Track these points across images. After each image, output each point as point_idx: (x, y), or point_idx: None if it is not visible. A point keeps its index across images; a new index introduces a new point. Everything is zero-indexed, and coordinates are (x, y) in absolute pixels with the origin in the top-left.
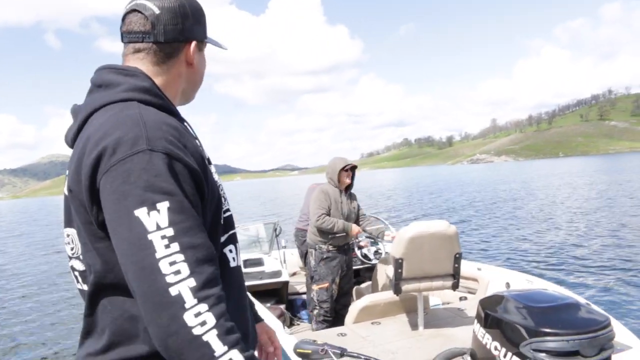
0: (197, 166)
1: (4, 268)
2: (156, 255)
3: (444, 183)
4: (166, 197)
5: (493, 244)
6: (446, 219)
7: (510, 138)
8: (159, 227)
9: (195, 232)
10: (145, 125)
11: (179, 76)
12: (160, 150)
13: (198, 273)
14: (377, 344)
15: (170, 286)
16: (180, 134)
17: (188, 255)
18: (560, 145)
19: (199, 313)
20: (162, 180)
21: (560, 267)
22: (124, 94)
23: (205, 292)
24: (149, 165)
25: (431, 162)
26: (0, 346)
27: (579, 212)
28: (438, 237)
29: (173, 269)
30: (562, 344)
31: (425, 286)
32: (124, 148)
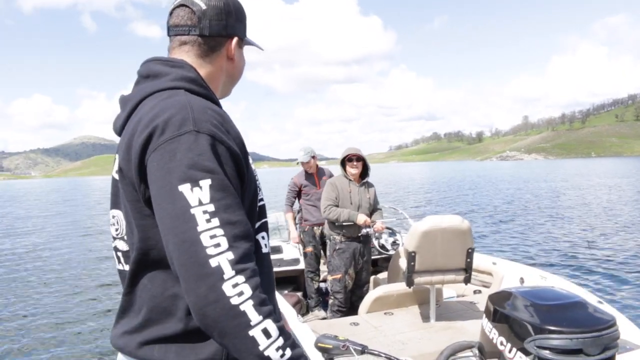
0: (239, 151)
1: (43, 247)
2: (198, 228)
3: (472, 179)
4: (209, 175)
5: (514, 239)
6: (469, 213)
7: (541, 136)
8: (201, 203)
9: (234, 209)
10: (193, 109)
11: (221, 69)
12: (206, 132)
13: (236, 247)
14: (389, 334)
15: (210, 258)
16: (224, 120)
17: (227, 230)
18: (593, 145)
19: (236, 284)
20: (206, 159)
21: (579, 265)
22: (171, 82)
23: (242, 265)
24: (194, 145)
25: (459, 157)
26: (37, 324)
27: (605, 212)
28: (451, 231)
29: (213, 242)
30: (565, 342)
31: (438, 279)
32: (172, 128)
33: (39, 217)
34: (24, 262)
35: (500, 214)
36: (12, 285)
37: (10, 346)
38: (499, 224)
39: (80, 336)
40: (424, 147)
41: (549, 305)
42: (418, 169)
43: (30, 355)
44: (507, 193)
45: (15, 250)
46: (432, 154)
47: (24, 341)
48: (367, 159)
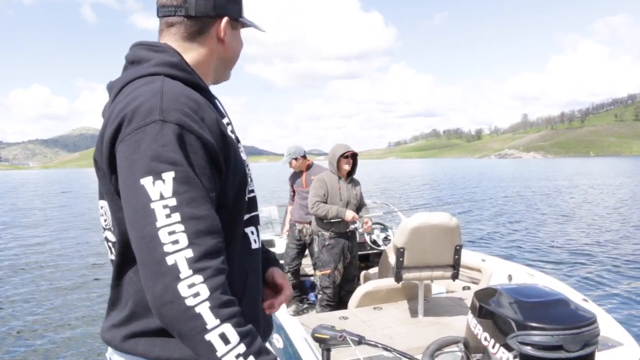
0: (212, 139)
1: (45, 240)
2: (156, 224)
3: (468, 176)
4: (172, 167)
5: (505, 236)
6: (463, 209)
7: (540, 134)
8: (162, 197)
9: (199, 203)
10: (163, 96)
11: (211, 52)
12: (172, 121)
13: (197, 244)
14: (377, 328)
15: (166, 255)
16: (199, 107)
17: (189, 226)
18: (592, 145)
19: (192, 284)
20: (170, 150)
21: (567, 263)
22: (151, 68)
23: (201, 264)
24: (158, 136)
25: (458, 154)
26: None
27: (597, 211)
28: (440, 228)
29: (171, 239)
30: (546, 338)
31: (426, 275)
32: (138, 118)
33: (40, 209)
34: (26, 255)
35: (494, 211)
36: (13, 279)
37: (12, 342)
38: (492, 221)
39: (80, 329)
40: (423, 144)
41: (532, 302)
42: (415, 165)
43: (32, 345)
44: (502, 191)
45: (17, 243)
46: (430, 151)
47: (24, 334)
48: (361, 154)
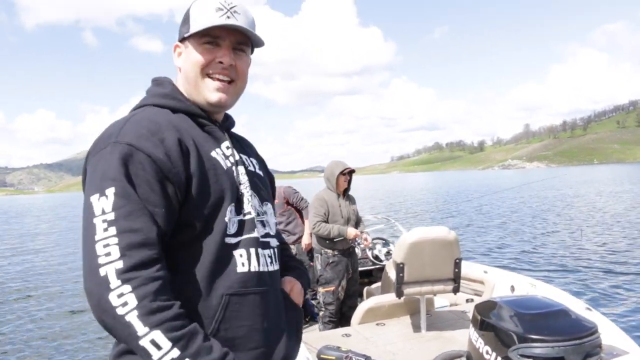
0: (166, 158)
1: (55, 265)
2: (95, 237)
3: (471, 188)
4: (113, 183)
5: (509, 247)
6: (468, 222)
7: (543, 144)
8: (103, 212)
9: (135, 216)
10: (127, 122)
11: (181, 76)
12: (124, 142)
13: (127, 256)
14: (380, 344)
15: (100, 267)
16: (159, 129)
17: (122, 238)
18: (595, 152)
19: (121, 294)
20: (114, 168)
21: (571, 272)
22: (144, 100)
23: (130, 274)
24: (109, 156)
25: (461, 166)
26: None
27: (602, 219)
28: (438, 242)
29: (105, 251)
30: (547, 350)
31: (427, 290)
32: (100, 144)
33: (45, 234)
34: (34, 279)
35: (497, 222)
36: (23, 305)
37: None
38: (496, 232)
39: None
40: (426, 157)
41: (532, 314)
42: (418, 179)
43: None
44: (505, 201)
45: (26, 268)
46: (434, 164)
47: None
48: (365, 170)
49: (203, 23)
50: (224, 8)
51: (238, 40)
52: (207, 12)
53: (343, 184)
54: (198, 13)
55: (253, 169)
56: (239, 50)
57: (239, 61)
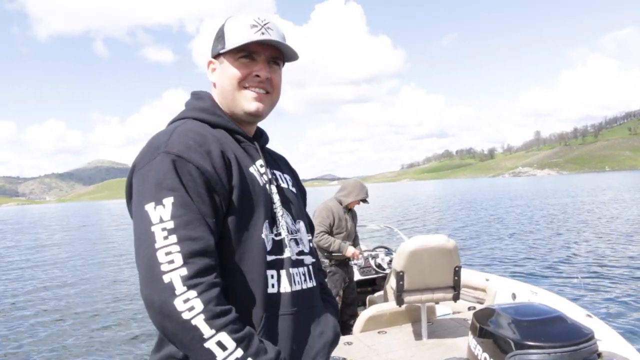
0: (213, 170)
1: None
2: (155, 245)
3: (480, 196)
4: (171, 192)
5: (517, 255)
6: (475, 231)
7: (554, 151)
8: (161, 220)
9: (194, 225)
10: (172, 134)
11: (216, 91)
12: (174, 153)
13: (191, 263)
14: (381, 352)
15: (164, 274)
16: (205, 141)
17: (184, 246)
18: (607, 159)
19: (187, 299)
20: (169, 178)
21: (573, 279)
22: (184, 113)
23: (195, 281)
24: (161, 166)
25: (471, 174)
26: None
27: (607, 227)
28: (437, 250)
29: (168, 259)
30: (544, 356)
31: (427, 298)
32: (148, 154)
33: (58, 245)
34: (51, 290)
35: (505, 230)
36: (40, 314)
37: None
38: (504, 240)
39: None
40: (436, 165)
41: (529, 320)
42: (427, 187)
43: None
44: (514, 210)
45: (41, 278)
46: (444, 172)
47: None
48: (375, 177)
49: (240, 39)
50: (258, 24)
51: (273, 55)
52: (242, 28)
53: (354, 204)
54: (233, 30)
55: (286, 186)
56: (273, 64)
57: (274, 74)
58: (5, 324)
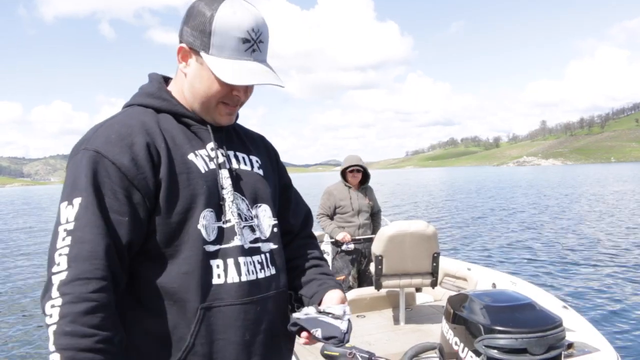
0: (132, 164)
1: None
2: (56, 245)
3: (480, 185)
4: (80, 193)
5: (505, 247)
6: (472, 219)
7: (559, 141)
8: (67, 221)
9: (91, 227)
10: (101, 127)
11: (182, 77)
12: (92, 149)
13: (72, 268)
14: (357, 335)
15: (52, 275)
16: (131, 132)
17: (73, 249)
18: (613, 150)
19: (53, 305)
20: (82, 177)
21: (557, 273)
22: (133, 98)
23: (67, 288)
24: (78, 163)
25: (476, 162)
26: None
27: (602, 221)
28: (417, 236)
29: (58, 260)
30: (511, 341)
31: (405, 283)
32: (74, 150)
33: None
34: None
35: (498, 220)
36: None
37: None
38: (492, 230)
39: None
40: (440, 153)
41: (499, 306)
42: (429, 174)
43: None
44: (508, 200)
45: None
46: (447, 159)
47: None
48: (379, 164)
49: (229, 72)
50: (251, 39)
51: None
52: (232, 42)
53: (352, 179)
54: (223, 36)
55: (248, 168)
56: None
57: (250, 92)
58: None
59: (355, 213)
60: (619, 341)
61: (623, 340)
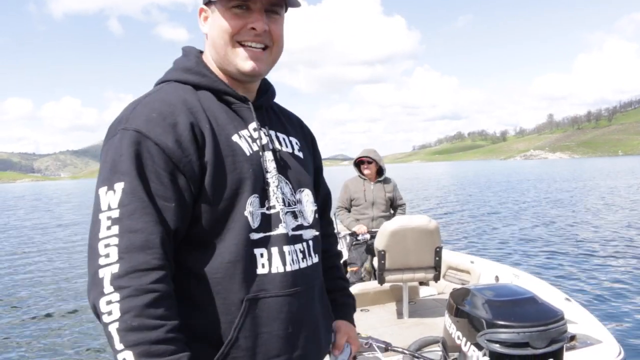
0: (175, 145)
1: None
2: (99, 235)
3: (486, 179)
4: (123, 177)
5: (510, 239)
6: (468, 213)
7: (566, 134)
8: (109, 208)
9: (138, 215)
10: (138, 105)
11: (206, 41)
12: (131, 129)
13: (124, 260)
14: (360, 329)
15: (100, 268)
16: (173, 111)
17: (122, 239)
18: (620, 144)
19: (110, 302)
20: (124, 160)
21: (563, 265)
22: (168, 74)
23: (123, 281)
24: (118, 144)
25: (483, 156)
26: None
27: (597, 214)
28: (419, 231)
29: (105, 252)
30: (513, 335)
31: (408, 277)
32: (110, 130)
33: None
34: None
35: (499, 212)
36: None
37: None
38: (492, 223)
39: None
40: (447, 147)
41: (501, 301)
42: (433, 169)
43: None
44: (515, 193)
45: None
46: (454, 154)
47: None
48: (386, 158)
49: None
50: None
51: (271, 1)
52: None
53: (365, 171)
54: None
55: (290, 150)
56: (272, 12)
57: (273, 25)
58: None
59: (369, 205)
60: (622, 333)
61: (626, 332)
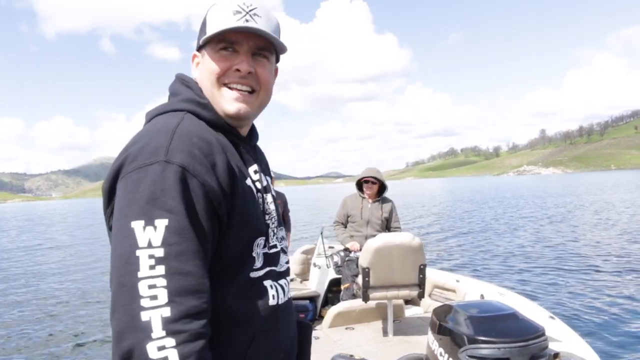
0: (218, 187)
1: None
2: (139, 274)
3: (476, 196)
4: (167, 214)
5: (496, 258)
6: (463, 232)
7: (559, 149)
8: (150, 245)
9: (188, 257)
10: (174, 135)
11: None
12: (177, 163)
13: (177, 303)
14: (346, 347)
15: (143, 310)
16: (211, 150)
17: (172, 281)
18: (613, 158)
19: (163, 347)
20: (168, 196)
21: (547, 285)
22: (178, 104)
23: (177, 326)
24: (159, 178)
25: (476, 172)
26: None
27: (599, 230)
28: (403, 248)
29: (151, 293)
30: (494, 351)
31: (393, 294)
32: (143, 156)
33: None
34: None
35: (489, 231)
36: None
37: None
38: (479, 241)
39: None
40: (440, 163)
41: (483, 317)
42: (428, 185)
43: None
44: (506, 210)
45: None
46: (448, 170)
47: None
48: (383, 176)
49: (218, 27)
50: (242, 11)
51: (258, 45)
52: (223, 15)
53: (366, 190)
54: (214, 18)
55: (271, 191)
56: (260, 56)
57: (259, 68)
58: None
59: (364, 223)
60: (606, 351)
61: (610, 350)
